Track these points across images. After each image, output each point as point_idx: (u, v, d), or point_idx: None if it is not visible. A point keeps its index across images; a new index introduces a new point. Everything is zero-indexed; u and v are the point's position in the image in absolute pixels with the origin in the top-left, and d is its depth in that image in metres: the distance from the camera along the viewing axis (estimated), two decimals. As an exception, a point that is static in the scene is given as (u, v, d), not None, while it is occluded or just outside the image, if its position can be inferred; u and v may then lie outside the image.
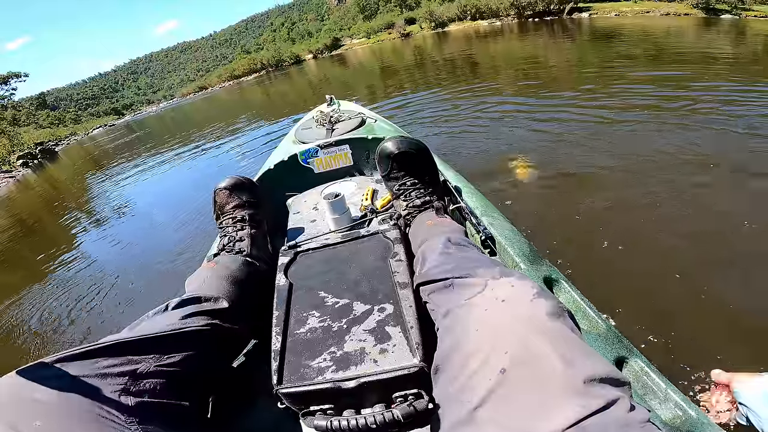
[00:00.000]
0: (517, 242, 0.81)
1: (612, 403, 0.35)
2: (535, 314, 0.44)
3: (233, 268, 0.88)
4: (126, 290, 2.44)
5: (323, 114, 1.66)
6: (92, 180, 7.33)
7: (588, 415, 0.34)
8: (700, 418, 0.50)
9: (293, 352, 0.66)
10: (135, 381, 0.55)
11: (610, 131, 2.64)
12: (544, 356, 0.39)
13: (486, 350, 0.42)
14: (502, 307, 0.46)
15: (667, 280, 1.37)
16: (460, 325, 0.48)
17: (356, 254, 0.82)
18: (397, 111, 4.69)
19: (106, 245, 3.39)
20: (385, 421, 0.57)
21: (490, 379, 0.40)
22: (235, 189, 1.02)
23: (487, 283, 0.51)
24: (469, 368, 0.43)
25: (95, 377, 0.52)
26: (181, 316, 0.71)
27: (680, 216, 1.67)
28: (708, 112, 2.66)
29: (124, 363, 0.56)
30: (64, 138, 31.03)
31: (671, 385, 0.54)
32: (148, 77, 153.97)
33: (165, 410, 0.57)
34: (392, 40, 27.17)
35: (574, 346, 0.41)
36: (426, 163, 0.96)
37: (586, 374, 0.37)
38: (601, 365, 0.39)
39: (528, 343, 0.40)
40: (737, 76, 3.42)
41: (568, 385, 0.36)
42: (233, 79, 42.69)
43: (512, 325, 0.43)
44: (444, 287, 0.58)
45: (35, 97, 62.49)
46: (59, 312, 2.42)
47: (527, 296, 0.46)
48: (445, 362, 0.48)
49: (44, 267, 3.28)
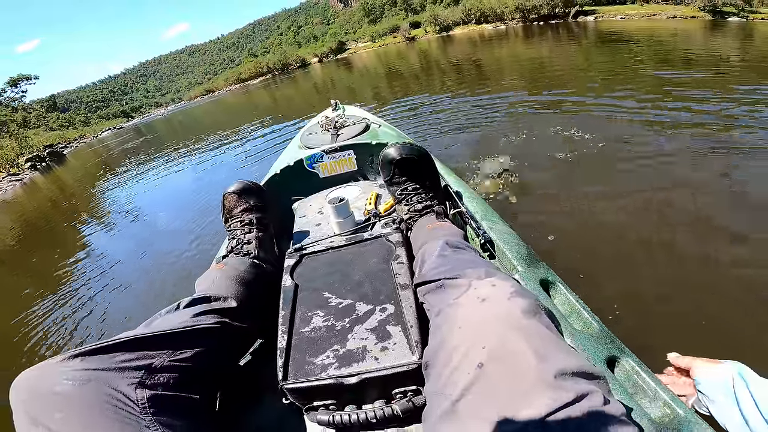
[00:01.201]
0: (515, 245, 0.84)
1: (583, 397, 0.37)
2: (511, 312, 0.46)
3: (241, 269, 0.92)
4: (137, 293, 2.49)
5: (328, 119, 1.70)
6: (101, 183, 7.42)
7: (559, 407, 0.36)
8: (688, 417, 0.52)
9: (298, 349, 0.69)
10: (150, 375, 0.58)
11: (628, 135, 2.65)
12: (519, 352, 0.41)
13: (466, 346, 0.45)
14: (482, 305, 0.49)
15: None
16: (447, 323, 0.51)
17: (359, 257, 0.85)
18: (403, 114, 4.73)
19: (116, 247, 3.46)
20: (385, 415, 0.60)
21: (468, 373, 0.42)
22: (243, 193, 1.05)
23: (471, 283, 0.54)
24: (452, 364, 0.45)
25: (113, 371, 0.55)
26: (193, 314, 0.74)
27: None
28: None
29: (140, 358, 0.59)
30: (73, 140, 31.37)
31: (660, 383, 0.57)
32: (156, 80, 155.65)
33: (177, 403, 0.60)
34: (397, 44, 27.28)
35: (548, 342, 0.43)
36: (427, 168, 0.98)
37: (557, 368, 0.39)
38: (573, 360, 0.41)
39: (504, 340, 0.43)
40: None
41: (540, 378, 0.38)
42: (240, 83, 43.03)
43: (490, 323, 0.46)
44: (437, 288, 0.61)
45: (46, 99, 63.22)
46: (74, 314, 2.47)
47: (505, 295, 0.49)
48: (433, 358, 0.51)
49: (55, 270, 3.34)
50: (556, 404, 0.36)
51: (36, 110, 34.71)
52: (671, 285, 1.37)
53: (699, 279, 1.37)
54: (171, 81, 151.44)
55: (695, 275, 1.39)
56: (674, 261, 1.48)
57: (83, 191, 7.22)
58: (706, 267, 1.42)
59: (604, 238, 1.68)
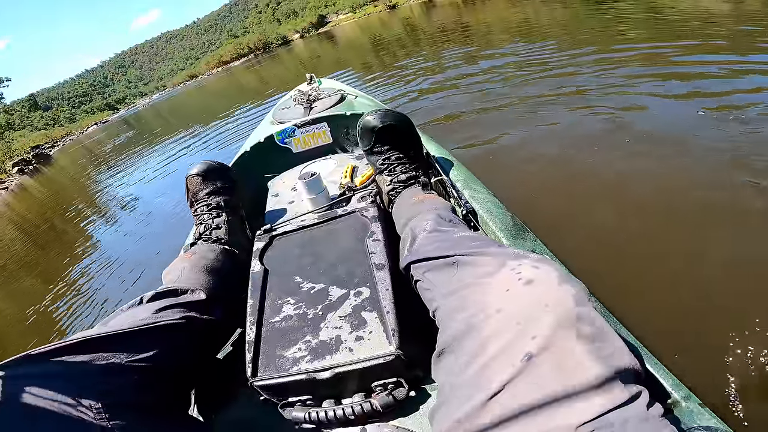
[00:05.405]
0: (499, 216, 0.78)
1: (635, 397, 0.34)
2: (562, 299, 0.40)
3: (211, 257, 0.87)
4: (130, 285, 2.43)
5: (302, 93, 1.61)
6: (91, 179, 7.28)
7: (612, 408, 0.33)
8: (690, 406, 0.46)
9: (268, 342, 0.64)
10: (106, 377, 0.55)
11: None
12: (572, 344, 0.37)
13: (510, 334, 0.39)
14: (527, 289, 0.42)
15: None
16: (474, 306, 0.44)
17: (333, 235, 0.80)
18: (387, 85, 4.57)
19: (110, 245, 3.37)
20: (364, 411, 0.56)
21: (512, 365, 0.37)
22: (208, 174, 0.98)
23: (506, 263, 0.46)
24: (488, 353, 0.40)
25: (61, 375, 0.52)
26: (155, 309, 0.70)
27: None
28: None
29: (93, 359, 0.55)
30: (60, 138, 30.80)
31: (667, 372, 0.50)
32: (136, 69, 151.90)
33: (139, 405, 0.57)
34: (378, 13, 26.40)
35: (601, 335, 0.38)
36: (410, 136, 0.93)
37: (614, 366, 0.36)
38: (627, 358, 0.37)
39: (556, 330, 0.38)
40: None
41: (596, 376, 0.35)
42: (222, 65, 42.03)
43: (540, 310, 0.40)
44: (446, 265, 0.54)
45: (26, 100, 61.63)
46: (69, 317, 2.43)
47: (553, 279, 0.43)
48: (454, 345, 0.44)
49: (50, 274, 3.27)
50: (611, 404, 0.33)
51: (18, 111, 33.94)
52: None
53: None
54: (152, 69, 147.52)
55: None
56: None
57: (74, 191, 7.09)
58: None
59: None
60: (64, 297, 2.61)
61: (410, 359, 0.57)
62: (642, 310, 1.00)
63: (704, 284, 1.05)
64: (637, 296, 1.07)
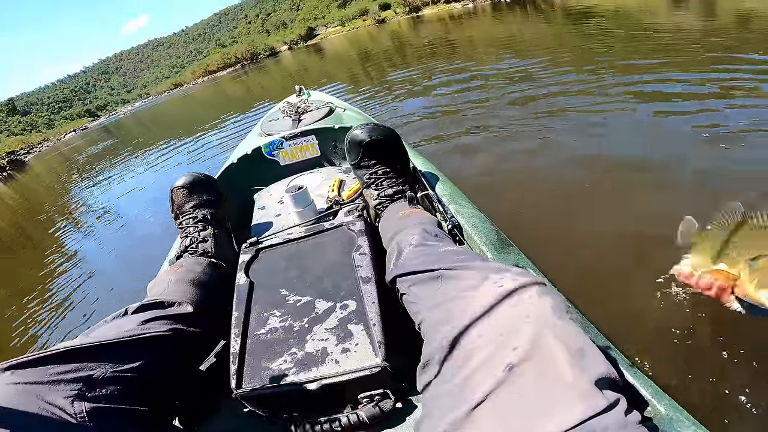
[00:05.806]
0: (484, 230, 0.80)
1: (614, 405, 0.35)
2: (542, 311, 0.42)
3: (198, 271, 0.86)
4: (111, 296, 2.36)
5: (290, 105, 1.61)
6: (67, 187, 7.09)
7: (592, 415, 0.34)
8: (669, 414, 0.48)
9: (253, 354, 0.64)
10: (90, 387, 0.54)
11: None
12: (553, 354, 0.38)
13: (492, 346, 0.41)
14: (508, 302, 0.44)
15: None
16: (458, 318, 0.45)
17: (319, 248, 0.80)
18: (376, 98, 4.62)
19: (85, 256, 3.26)
20: (350, 423, 0.56)
21: (494, 375, 0.38)
22: (193, 187, 0.98)
23: (488, 276, 0.48)
24: (471, 364, 0.41)
25: (46, 383, 0.51)
26: (141, 321, 0.69)
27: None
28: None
29: (78, 369, 0.55)
30: (37, 145, 30.00)
31: (647, 380, 0.52)
32: (120, 76, 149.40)
33: (123, 415, 0.57)
34: (367, 27, 26.76)
35: (581, 344, 0.40)
36: (398, 150, 0.95)
37: (593, 375, 0.37)
38: (605, 366, 0.39)
39: (537, 340, 0.39)
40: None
41: (575, 384, 0.36)
42: (208, 75, 41.77)
43: (521, 321, 0.41)
44: (430, 279, 0.55)
45: (4, 104, 59.96)
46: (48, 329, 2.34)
47: (534, 293, 0.44)
48: (439, 357, 0.46)
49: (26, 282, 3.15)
50: (591, 411, 0.34)
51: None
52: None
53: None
54: (136, 77, 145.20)
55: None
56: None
57: (49, 198, 6.86)
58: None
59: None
60: (30, 308, 2.53)
61: (396, 371, 0.57)
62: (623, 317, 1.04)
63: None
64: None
